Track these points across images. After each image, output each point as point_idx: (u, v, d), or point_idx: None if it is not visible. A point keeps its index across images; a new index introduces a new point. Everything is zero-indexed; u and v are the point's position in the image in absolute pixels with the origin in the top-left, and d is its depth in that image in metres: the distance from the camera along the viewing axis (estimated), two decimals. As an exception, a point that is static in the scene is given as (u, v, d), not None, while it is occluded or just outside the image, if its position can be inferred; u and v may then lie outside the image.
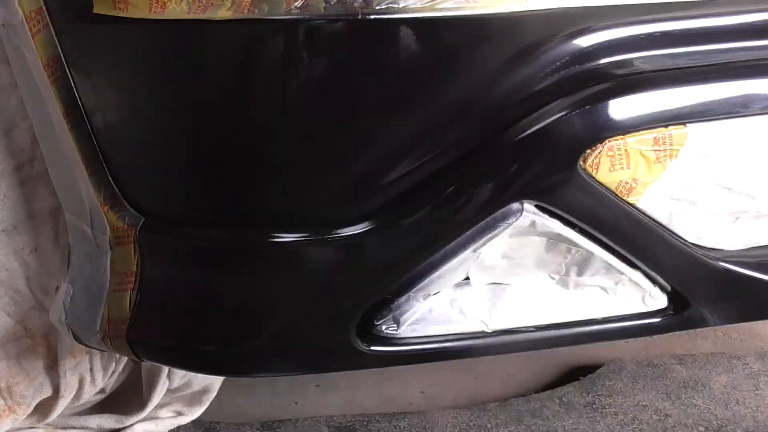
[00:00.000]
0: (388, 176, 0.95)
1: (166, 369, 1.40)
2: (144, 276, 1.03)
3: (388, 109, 0.92)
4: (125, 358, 1.38)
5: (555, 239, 1.02)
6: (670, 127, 0.96)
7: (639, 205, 0.99)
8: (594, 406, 1.66)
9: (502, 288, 1.06)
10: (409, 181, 0.95)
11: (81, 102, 1.02)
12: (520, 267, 1.05)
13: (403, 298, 1.02)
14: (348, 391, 1.71)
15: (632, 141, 0.95)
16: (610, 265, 1.05)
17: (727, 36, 0.98)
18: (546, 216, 0.98)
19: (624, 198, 0.98)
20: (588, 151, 0.95)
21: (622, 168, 0.96)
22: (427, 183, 0.95)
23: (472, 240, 0.98)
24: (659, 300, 1.10)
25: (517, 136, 0.93)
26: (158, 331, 1.05)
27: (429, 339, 1.05)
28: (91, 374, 1.35)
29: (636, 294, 1.09)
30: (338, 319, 1.01)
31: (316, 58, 0.89)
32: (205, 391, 1.49)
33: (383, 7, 0.86)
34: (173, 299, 1.04)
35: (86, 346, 1.18)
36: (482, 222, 0.97)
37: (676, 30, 0.96)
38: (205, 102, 0.94)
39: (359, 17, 0.86)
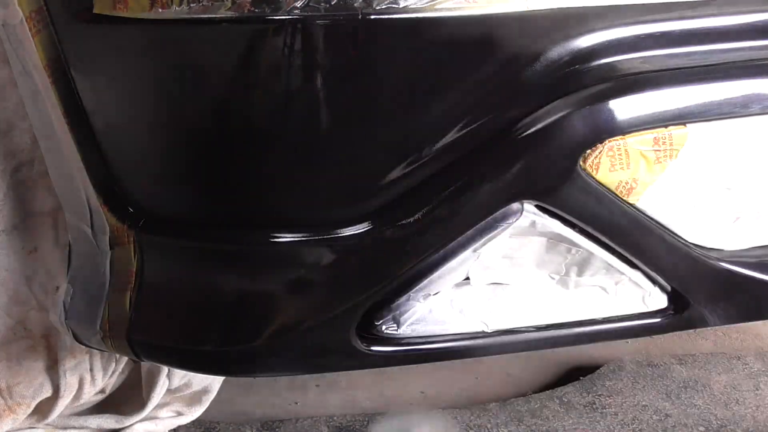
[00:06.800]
0: (388, 176, 0.95)
1: (165, 369, 1.40)
2: (144, 276, 1.03)
3: (388, 109, 0.92)
4: (125, 358, 1.38)
5: (555, 239, 1.02)
6: (670, 127, 0.96)
7: (639, 205, 0.99)
8: (594, 406, 1.66)
9: (502, 288, 1.06)
10: (409, 182, 0.95)
11: (81, 102, 1.02)
12: (520, 267, 1.05)
13: (403, 298, 1.02)
14: (348, 391, 1.71)
15: (632, 141, 0.95)
16: (610, 265, 1.05)
17: (727, 36, 0.98)
18: (546, 216, 0.98)
19: (624, 198, 0.98)
20: (588, 151, 0.95)
21: (622, 168, 0.96)
22: (427, 183, 0.95)
23: (472, 240, 0.98)
24: (659, 300, 1.10)
25: (517, 136, 0.93)
26: (158, 331, 1.05)
27: (429, 339, 1.05)
28: (91, 374, 1.35)
29: (636, 294, 1.09)
30: (338, 319, 1.01)
31: (316, 58, 0.89)
32: (205, 391, 1.49)
33: (383, 7, 0.86)
34: (173, 299, 1.04)
35: (86, 346, 1.18)
36: (482, 222, 0.97)
37: (676, 30, 0.96)
38: (205, 102, 0.94)
39: (359, 17, 0.86)
